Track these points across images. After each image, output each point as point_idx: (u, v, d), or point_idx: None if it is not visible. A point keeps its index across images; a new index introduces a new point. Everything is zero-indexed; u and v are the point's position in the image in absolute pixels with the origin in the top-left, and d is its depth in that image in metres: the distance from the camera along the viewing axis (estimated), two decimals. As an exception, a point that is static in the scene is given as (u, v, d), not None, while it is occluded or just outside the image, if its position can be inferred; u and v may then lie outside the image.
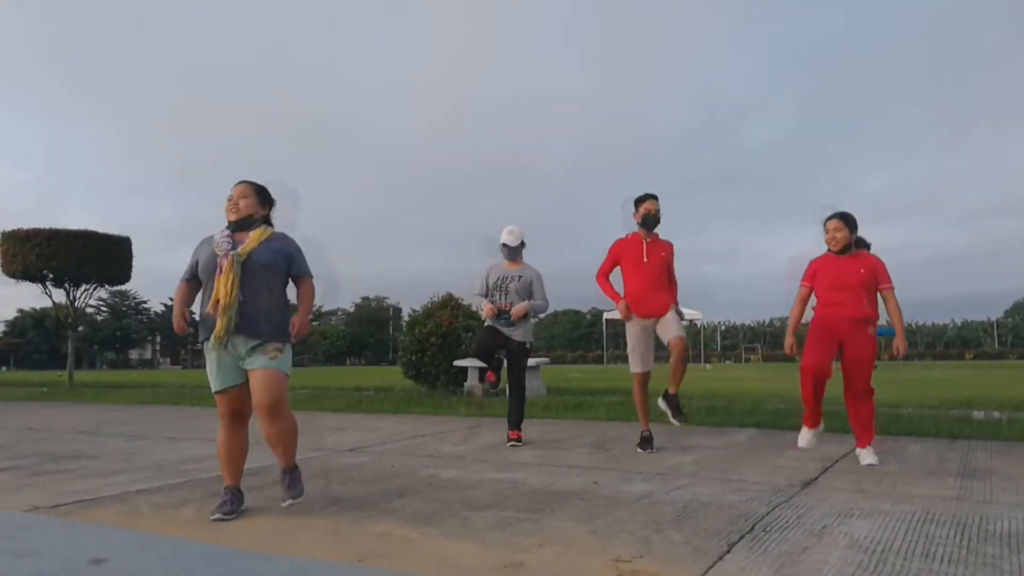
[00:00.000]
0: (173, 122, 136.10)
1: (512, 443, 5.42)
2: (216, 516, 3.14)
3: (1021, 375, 19.23)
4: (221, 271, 3.18)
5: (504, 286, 5.57)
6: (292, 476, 3.36)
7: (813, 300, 4.63)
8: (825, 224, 4.55)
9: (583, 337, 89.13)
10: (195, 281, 3.37)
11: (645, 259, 5.11)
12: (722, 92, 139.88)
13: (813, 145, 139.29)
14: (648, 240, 5.16)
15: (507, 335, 5.54)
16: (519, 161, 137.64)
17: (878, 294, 4.48)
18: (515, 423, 5.53)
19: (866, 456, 4.42)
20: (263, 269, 3.25)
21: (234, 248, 3.24)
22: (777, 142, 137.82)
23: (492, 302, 5.55)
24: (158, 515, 3.26)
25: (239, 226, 3.34)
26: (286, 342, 3.29)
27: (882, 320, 4.56)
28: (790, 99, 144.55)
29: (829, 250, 4.56)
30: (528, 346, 5.60)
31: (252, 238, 3.31)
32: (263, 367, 3.19)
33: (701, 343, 50.73)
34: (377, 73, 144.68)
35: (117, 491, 3.83)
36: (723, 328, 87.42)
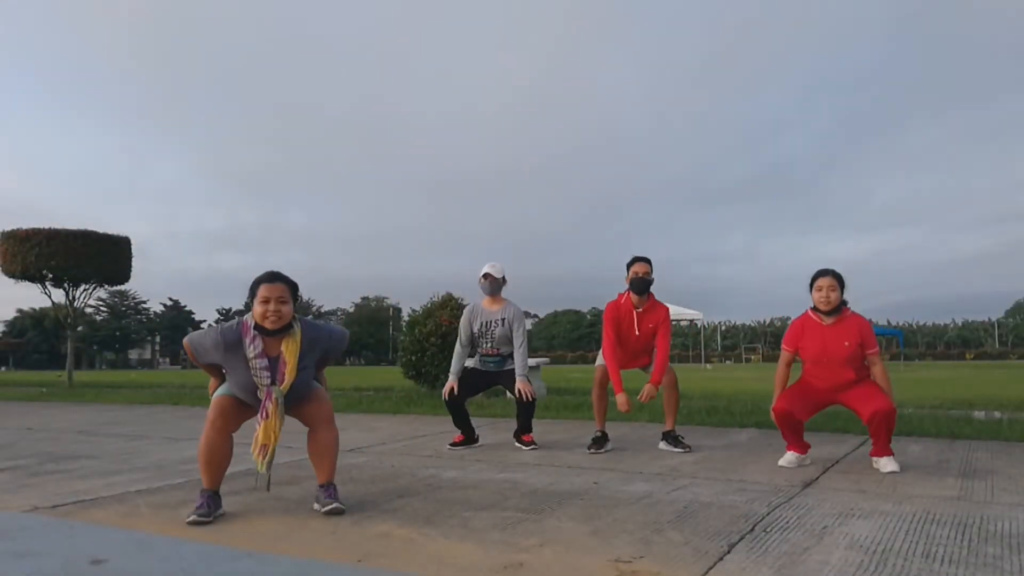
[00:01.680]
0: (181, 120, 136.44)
1: (523, 446, 5.34)
2: (192, 518, 3.06)
3: (1022, 375, 19.22)
4: (267, 415, 3.17)
5: (489, 332, 5.40)
6: (334, 489, 3.31)
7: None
8: (815, 281, 4.32)
9: (583, 337, 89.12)
10: (216, 367, 3.40)
11: (636, 332, 5.11)
12: (752, 110, 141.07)
13: (830, 156, 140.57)
14: (639, 310, 5.12)
15: (497, 372, 5.50)
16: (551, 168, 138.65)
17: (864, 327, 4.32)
18: (525, 427, 5.43)
19: (887, 464, 4.20)
20: (298, 391, 3.34)
21: (273, 381, 3.18)
22: (795, 154, 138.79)
23: (479, 350, 5.48)
24: (157, 515, 3.26)
25: (274, 332, 3.20)
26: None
27: (881, 321, 4.49)
28: (814, 117, 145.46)
29: (816, 308, 4.36)
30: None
31: (289, 364, 3.19)
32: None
33: (701, 343, 50.71)
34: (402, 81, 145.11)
35: (116, 491, 3.83)
36: (723, 328, 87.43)
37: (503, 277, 5.47)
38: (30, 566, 2.48)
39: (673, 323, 5.57)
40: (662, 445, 5.14)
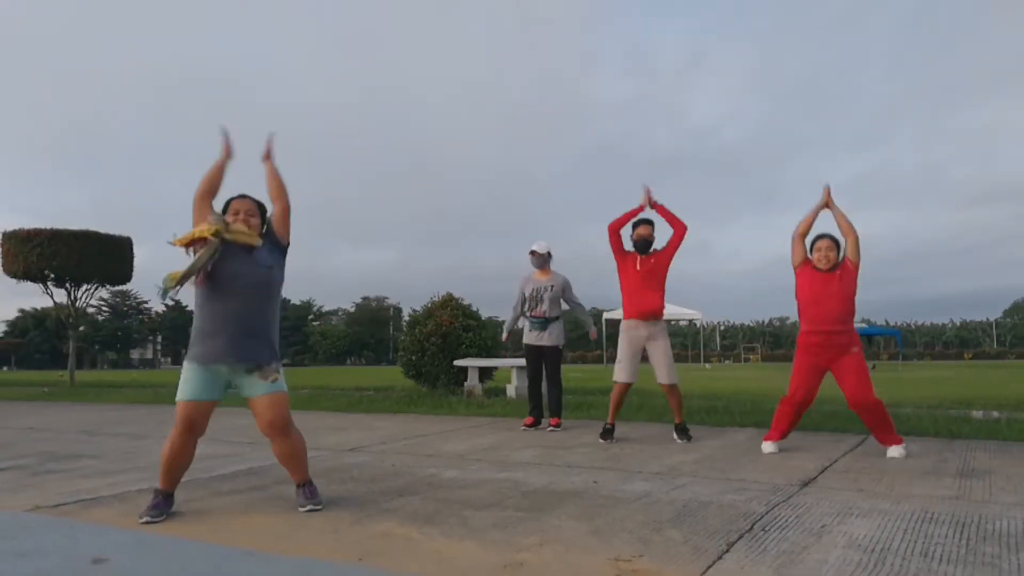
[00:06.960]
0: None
1: (552, 428, 6.31)
2: (145, 519, 3.11)
3: (1020, 375, 19.23)
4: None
5: (539, 295, 6.34)
6: (309, 489, 3.36)
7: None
8: (815, 242, 4.75)
9: (583, 337, 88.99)
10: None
11: (638, 267, 5.58)
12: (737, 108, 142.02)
13: (832, 158, 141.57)
14: (643, 256, 5.62)
15: (539, 343, 6.36)
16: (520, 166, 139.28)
17: (847, 260, 4.68)
18: (555, 411, 6.37)
19: (892, 451, 4.61)
20: (267, 271, 3.33)
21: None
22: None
23: (530, 312, 6.37)
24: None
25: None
26: (279, 364, 3.39)
27: (879, 321, 4.67)
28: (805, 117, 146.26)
29: (815, 267, 4.73)
30: (560, 347, 6.40)
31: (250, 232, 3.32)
32: (267, 392, 3.30)
33: (701, 343, 50.63)
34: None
35: (118, 491, 3.84)
36: (723, 328, 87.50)
37: (548, 252, 6.41)
38: (31, 565, 2.49)
39: (672, 323, 5.86)
40: (675, 436, 5.59)
